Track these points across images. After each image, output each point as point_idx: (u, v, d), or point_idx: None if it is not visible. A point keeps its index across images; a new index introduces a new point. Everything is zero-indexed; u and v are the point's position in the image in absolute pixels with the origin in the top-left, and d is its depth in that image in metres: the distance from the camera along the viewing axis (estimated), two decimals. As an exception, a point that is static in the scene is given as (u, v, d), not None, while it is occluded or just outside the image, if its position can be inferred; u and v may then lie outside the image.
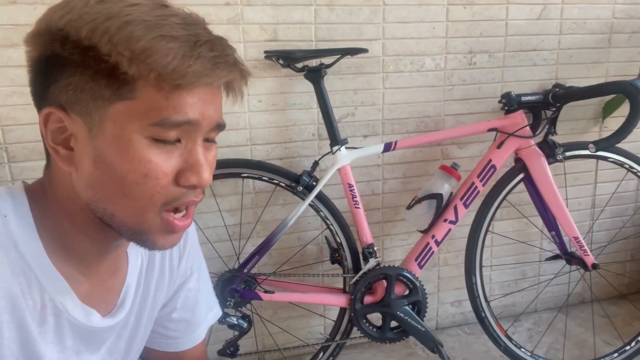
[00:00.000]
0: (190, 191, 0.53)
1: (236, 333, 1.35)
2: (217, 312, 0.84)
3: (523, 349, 1.50)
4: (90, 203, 0.53)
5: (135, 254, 0.68)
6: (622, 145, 1.35)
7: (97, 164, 0.51)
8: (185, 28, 0.49)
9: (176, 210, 0.55)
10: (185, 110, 0.50)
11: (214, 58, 0.49)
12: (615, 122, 1.74)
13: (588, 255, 1.42)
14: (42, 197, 0.56)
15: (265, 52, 1.36)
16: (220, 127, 0.56)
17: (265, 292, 1.35)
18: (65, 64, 0.49)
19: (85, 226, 0.56)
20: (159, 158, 0.50)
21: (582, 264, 1.44)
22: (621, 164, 1.46)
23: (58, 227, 0.56)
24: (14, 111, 1.26)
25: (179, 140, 0.52)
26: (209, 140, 0.56)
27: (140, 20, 0.47)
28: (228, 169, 1.34)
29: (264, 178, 1.35)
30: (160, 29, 0.47)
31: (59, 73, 0.49)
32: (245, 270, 1.35)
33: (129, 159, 0.50)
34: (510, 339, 1.50)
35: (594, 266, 1.42)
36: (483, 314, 1.48)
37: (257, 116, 1.45)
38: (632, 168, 1.46)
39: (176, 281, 0.76)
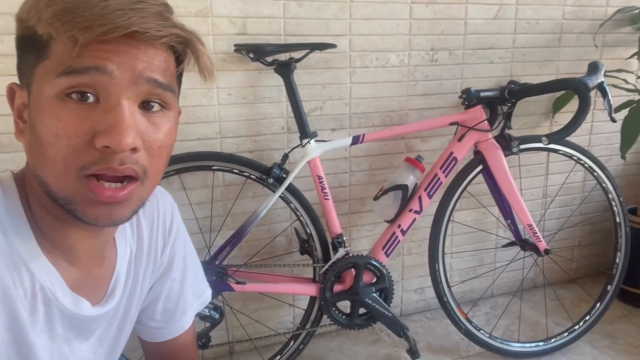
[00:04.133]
0: (109, 156, 0.49)
1: (208, 324, 1.36)
2: (206, 297, 0.85)
3: (482, 331, 1.59)
4: (34, 175, 0.53)
5: (124, 243, 0.68)
6: (571, 138, 1.45)
7: (30, 129, 0.52)
8: None
9: (105, 178, 0.51)
10: (93, 58, 0.48)
11: (116, 9, 0.47)
12: (564, 117, 1.86)
13: (541, 241, 1.52)
14: (23, 184, 0.57)
15: (235, 45, 1.37)
16: (156, 83, 0.52)
17: (237, 283, 1.37)
18: (20, 42, 0.53)
19: (49, 204, 0.55)
20: (70, 117, 0.48)
21: (535, 249, 1.54)
22: (570, 156, 1.57)
23: (35, 211, 0.56)
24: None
25: (98, 101, 0.49)
26: (151, 106, 0.53)
27: None
28: (198, 161, 1.35)
29: (234, 170, 1.37)
30: None
31: (18, 52, 0.54)
32: (217, 262, 1.36)
33: (42, 118, 0.49)
34: (470, 322, 1.58)
35: (546, 251, 1.52)
36: (445, 299, 1.55)
37: (227, 109, 1.46)
38: (580, 160, 1.57)
39: (160, 269, 0.76)
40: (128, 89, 0.50)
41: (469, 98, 1.45)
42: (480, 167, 1.50)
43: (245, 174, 1.37)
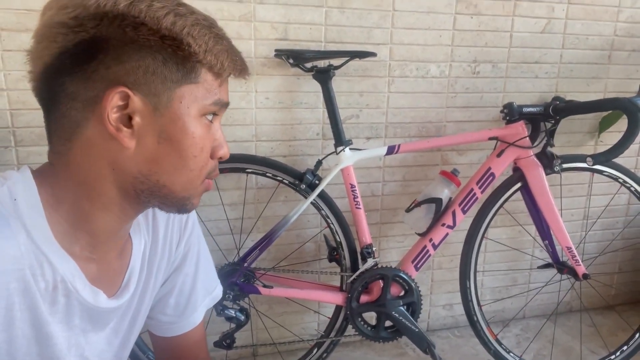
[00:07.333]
0: (217, 163, 0.64)
1: (233, 325, 1.37)
2: (217, 294, 0.85)
3: (512, 354, 1.54)
4: (140, 176, 0.58)
5: (138, 236, 0.70)
6: (617, 160, 1.39)
7: (161, 139, 0.56)
8: (217, 29, 0.59)
9: None
10: (226, 93, 0.62)
11: (238, 59, 0.61)
12: (610, 136, 1.78)
13: (579, 265, 1.46)
14: (52, 180, 0.57)
15: (276, 50, 1.38)
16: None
17: (264, 286, 1.37)
18: (136, 47, 0.53)
19: (110, 202, 0.59)
20: (207, 135, 0.60)
21: (573, 273, 1.48)
22: (615, 178, 1.50)
23: (74, 208, 0.57)
24: (24, 95, 1.26)
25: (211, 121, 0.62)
26: None
27: (200, 19, 0.57)
28: (233, 163, 1.36)
29: (267, 174, 1.37)
30: (211, 29, 0.58)
31: (126, 55, 0.53)
32: (245, 264, 1.37)
33: (191, 135, 0.58)
34: (500, 344, 1.53)
35: (585, 276, 1.45)
36: (475, 318, 1.51)
37: (264, 113, 1.47)
38: (626, 182, 1.50)
39: (174, 263, 0.78)
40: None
41: (511, 113, 1.41)
42: (519, 185, 1.46)
43: (278, 178, 1.38)
